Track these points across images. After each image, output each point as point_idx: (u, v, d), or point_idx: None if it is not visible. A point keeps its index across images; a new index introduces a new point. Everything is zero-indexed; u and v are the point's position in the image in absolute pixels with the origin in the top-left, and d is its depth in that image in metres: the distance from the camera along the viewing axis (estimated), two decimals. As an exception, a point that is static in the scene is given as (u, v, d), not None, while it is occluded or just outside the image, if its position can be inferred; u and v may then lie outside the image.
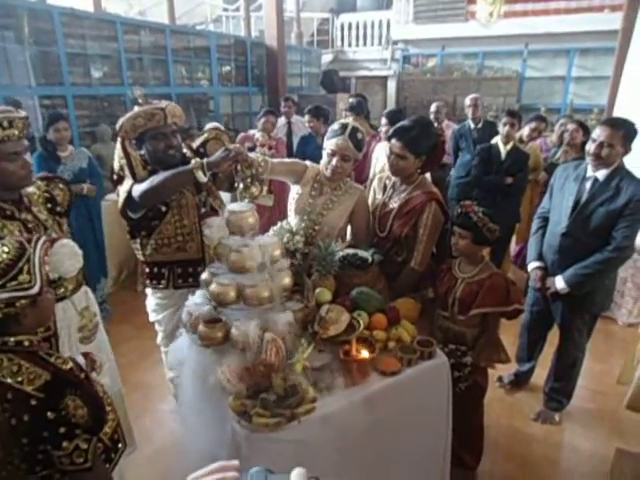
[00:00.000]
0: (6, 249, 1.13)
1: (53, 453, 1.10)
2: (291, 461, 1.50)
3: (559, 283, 2.37)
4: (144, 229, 2.09)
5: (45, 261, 1.18)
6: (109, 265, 4.01)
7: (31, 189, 1.71)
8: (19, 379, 1.08)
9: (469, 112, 4.53)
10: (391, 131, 2.18)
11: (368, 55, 10.43)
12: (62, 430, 1.08)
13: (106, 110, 5.42)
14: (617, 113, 5.28)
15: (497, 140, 3.79)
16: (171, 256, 2.12)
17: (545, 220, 2.56)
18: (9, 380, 1.08)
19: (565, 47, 8.58)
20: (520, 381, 2.96)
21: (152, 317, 2.31)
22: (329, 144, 2.12)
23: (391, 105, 9.70)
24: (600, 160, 2.23)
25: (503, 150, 3.70)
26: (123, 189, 1.95)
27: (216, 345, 1.70)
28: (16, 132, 1.53)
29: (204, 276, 1.82)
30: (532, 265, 2.54)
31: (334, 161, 2.10)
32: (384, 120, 3.70)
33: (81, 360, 1.37)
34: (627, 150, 2.24)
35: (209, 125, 4.23)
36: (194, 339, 1.75)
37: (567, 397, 2.68)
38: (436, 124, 4.65)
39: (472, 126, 4.49)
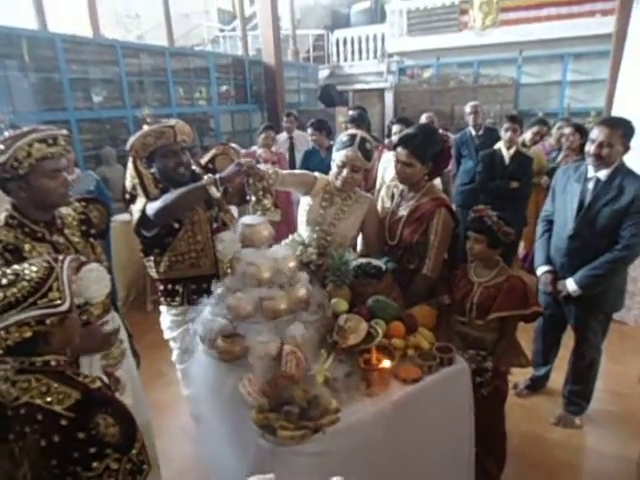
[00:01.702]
0: (34, 268, 1.13)
1: (82, 474, 1.08)
2: (315, 473, 1.49)
3: (570, 286, 2.35)
4: (157, 246, 2.10)
5: (72, 280, 1.18)
6: (118, 286, 4.01)
7: (66, 210, 1.70)
8: (48, 399, 1.07)
9: (470, 119, 4.55)
10: (396, 140, 2.19)
11: (364, 69, 10.56)
12: (92, 450, 1.07)
13: (109, 133, 5.48)
14: (615, 115, 5.31)
15: (500, 145, 3.81)
16: (185, 272, 2.12)
17: (550, 223, 2.54)
18: (38, 401, 1.07)
19: (559, 52, 8.68)
20: (537, 386, 2.93)
21: (167, 334, 2.30)
22: (339, 155, 2.13)
23: (389, 117, 9.78)
24: (601, 160, 2.23)
25: (506, 155, 3.72)
26: (136, 208, 1.96)
27: (235, 359, 1.69)
28: (59, 149, 1.52)
29: (219, 291, 1.82)
30: (541, 269, 2.52)
31: (344, 172, 2.11)
32: (396, 127, 3.69)
33: (105, 379, 1.36)
34: (626, 149, 2.24)
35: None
36: (212, 354, 1.75)
37: (586, 400, 2.64)
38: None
39: (473, 133, 4.51)
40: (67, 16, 7.38)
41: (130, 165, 1.97)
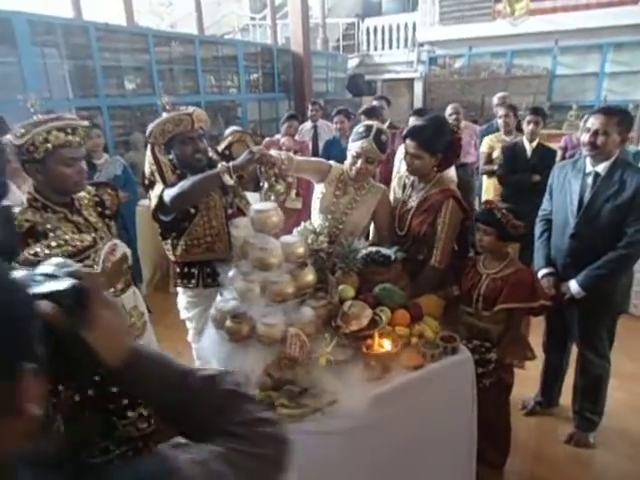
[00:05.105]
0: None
1: (118, 423, 1.21)
2: (314, 453, 1.55)
3: (574, 288, 2.25)
4: (175, 230, 2.18)
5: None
6: (143, 267, 4.16)
7: (82, 193, 1.82)
8: None
9: (498, 111, 4.47)
10: (405, 131, 2.21)
11: (394, 58, 10.46)
12: (125, 402, 1.19)
13: (139, 120, 5.62)
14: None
15: (522, 138, 3.75)
16: (200, 256, 2.20)
17: (548, 223, 2.45)
18: None
19: (598, 42, 8.38)
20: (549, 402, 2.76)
21: (183, 315, 2.39)
22: (354, 146, 2.16)
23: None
24: (596, 149, 2.14)
25: (529, 148, 3.65)
26: (154, 194, 2.05)
27: (242, 340, 1.76)
28: (77, 139, 1.62)
29: (230, 274, 1.89)
30: (542, 272, 2.39)
31: (359, 163, 2.15)
32: (412, 119, 3.68)
33: None
34: (624, 139, 2.16)
35: (229, 130, 4.35)
36: (221, 334, 1.82)
37: (599, 414, 2.50)
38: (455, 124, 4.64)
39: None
40: (103, 5, 7.58)
41: (148, 152, 2.05)
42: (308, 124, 5.27)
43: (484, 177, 4.44)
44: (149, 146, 2.05)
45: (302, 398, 1.52)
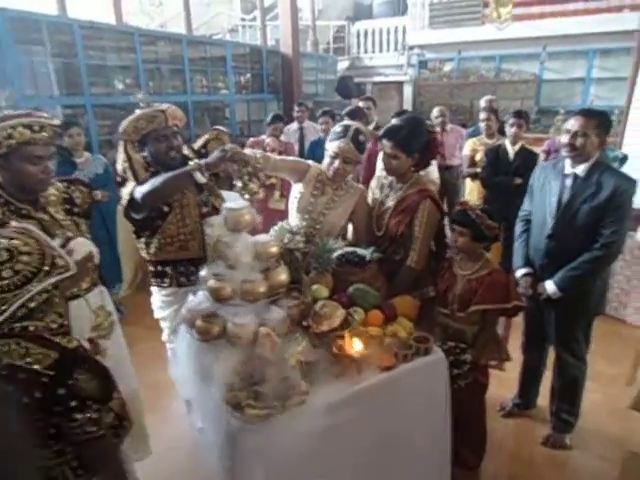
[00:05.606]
0: (20, 242, 1.18)
1: (65, 425, 1.16)
2: (285, 454, 1.53)
3: (550, 288, 2.26)
4: (148, 229, 2.16)
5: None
6: (124, 268, 4.11)
7: (50, 190, 1.77)
8: (28, 360, 1.14)
9: (483, 114, 4.49)
10: (382, 131, 2.20)
11: (384, 61, 10.48)
12: (73, 404, 1.15)
13: (124, 118, 5.55)
14: (634, 113, 5.21)
15: (504, 141, 3.77)
16: (174, 255, 2.18)
17: (528, 223, 2.47)
18: (19, 362, 1.14)
19: (584, 48, 8.45)
20: (526, 404, 2.77)
21: (157, 314, 2.37)
22: (331, 146, 2.15)
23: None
24: (575, 151, 2.16)
25: (511, 151, 3.67)
26: (126, 191, 2.02)
27: (213, 339, 1.74)
28: (44, 136, 1.59)
29: (203, 273, 1.87)
30: (520, 272, 2.41)
31: (336, 163, 2.14)
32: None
33: (86, 345, 1.43)
34: (602, 141, 2.18)
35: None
36: (192, 334, 1.80)
37: (575, 415, 2.52)
38: (439, 128, 4.66)
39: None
40: (91, 4, 7.54)
41: (121, 149, 2.03)
42: (294, 125, 5.26)
43: (467, 180, 4.46)
44: (122, 143, 2.03)
45: (270, 398, 1.51)
